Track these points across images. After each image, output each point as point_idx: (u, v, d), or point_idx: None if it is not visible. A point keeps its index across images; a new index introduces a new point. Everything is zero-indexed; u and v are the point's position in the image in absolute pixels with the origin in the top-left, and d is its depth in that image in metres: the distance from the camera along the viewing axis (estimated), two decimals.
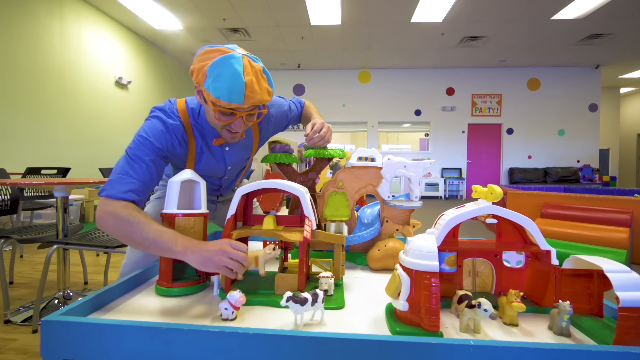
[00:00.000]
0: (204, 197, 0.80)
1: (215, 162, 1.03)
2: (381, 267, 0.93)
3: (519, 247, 0.70)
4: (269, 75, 0.85)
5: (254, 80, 0.79)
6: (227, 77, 0.76)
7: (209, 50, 0.81)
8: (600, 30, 5.85)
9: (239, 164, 1.11)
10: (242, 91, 0.77)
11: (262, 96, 0.81)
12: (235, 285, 0.74)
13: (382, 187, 1.02)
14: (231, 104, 0.78)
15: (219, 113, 0.83)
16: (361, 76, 8.43)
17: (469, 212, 0.68)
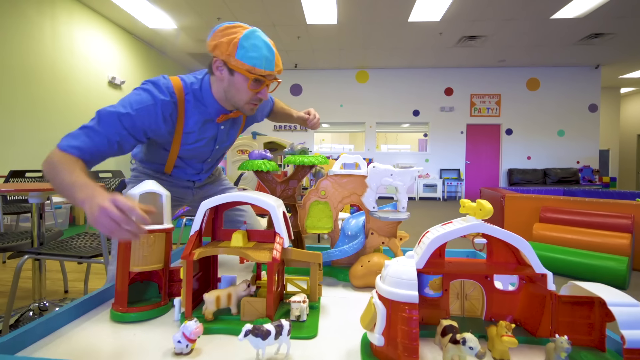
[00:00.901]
0: (167, 210, 0.73)
1: (205, 143, 1.06)
2: (364, 284, 0.86)
3: (512, 268, 0.63)
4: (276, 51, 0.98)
5: (276, 52, 0.92)
6: (261, 47, 0.87)
7: (229, 26, 0.89)
8: (601, 30, 5.78)
9: (225, 145, 1.16)
10: (273, 59, 0.90)
11: (280, 66, 0.95)
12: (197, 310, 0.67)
13: (366, 197, 0.95)
14: (265, 70, 0.89)
15: (253, 82, 0.91)
16: (359, 76, 8.35)
17: (456, 231, 0.61)
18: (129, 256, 0.66)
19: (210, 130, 1.04)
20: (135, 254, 0.67)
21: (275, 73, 0.93)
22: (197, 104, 0.98)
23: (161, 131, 0.94)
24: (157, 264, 0.69)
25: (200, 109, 0.98)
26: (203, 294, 0.64)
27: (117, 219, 0.56)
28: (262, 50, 0.87)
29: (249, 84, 0.91)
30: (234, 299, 0.65)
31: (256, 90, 0.94)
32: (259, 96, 0.95)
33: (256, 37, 0.88)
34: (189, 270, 0.64)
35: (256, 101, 0.97)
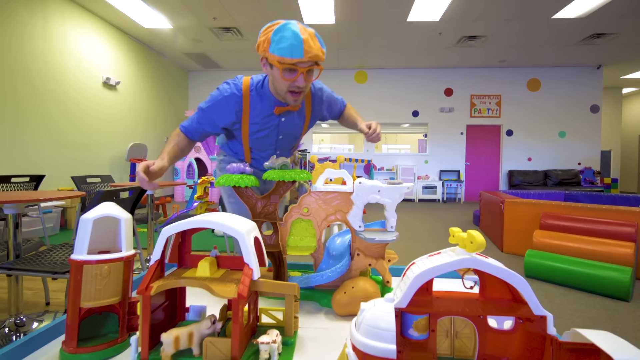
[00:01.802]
0: (126, 236, 0.66)
1: (268, 133, 1.18)
2: (348, 313, 0.79)
3: (508, 307, 0.56)
4: (320, 39, 1.00)
5: (309, 38, 0.95)
6: (288, 37, 0.93)
7: (269, 26, 0.99)
8: (603, 30, 5.70)
9: (290, 137, 1.24)
10: (301, 46, 0.93)
11: (317, 52, 0.96)
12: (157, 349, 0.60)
13: (352, 215, 0.88)
14: (293, 58, 0.94)
15: (285, 71, 0.98)
16: (358, 76, 8.27)
17: (444, 266, 0.53)
18: (79, 290, 0.59)
19: (271, 122, 1.16)
20: (87, 288, 0.60)
21: (305, 60, 0.95)
22: (259, 98, 1.13)
23: (231, 120, 1.14)
24: (112, 298, 0.62)
25: (262, 102, 1.13)
26: (161, 334, 0.57)
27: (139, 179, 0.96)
28: (289, 39, 0.93)
29: (281, 74, 0.98)
30: (196, 338, 0.58)
31: (291, 80, 0.99)
32: (295, 84, 1.00)
33: (286, 29, 0.94)
34: (146, 306, 0.57)
35: (295, 89, 1.03)
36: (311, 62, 0.98)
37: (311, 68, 1.00)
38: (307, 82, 1.03)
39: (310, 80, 1.05)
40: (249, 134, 1.17)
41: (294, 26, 0.95)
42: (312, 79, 1.05)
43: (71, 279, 0.59)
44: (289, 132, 1.22)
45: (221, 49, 6.90)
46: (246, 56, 7.33)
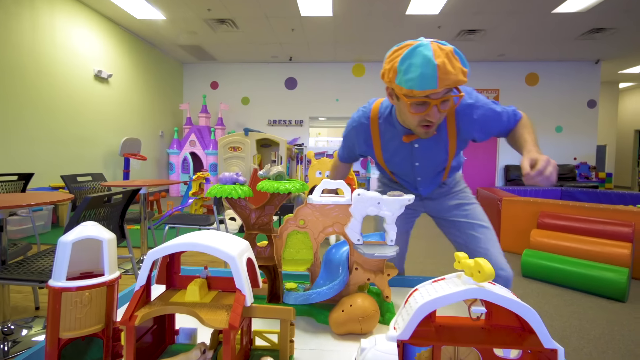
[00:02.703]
0: (109, 258, 0.61)
1: (402, 161, 1.10)
2: (345, 332, 0.76)
3: (516, 337, 0.53)
4: (461, 56, 0.83)
5: (446, 62, 0.78)
6: (418, 65, 0.78)
7: (395, 50, 0.86)
8: (603, 25, 5.64)
9: (429, 164, 1.11)
10: (434, 75, 0.78)
11: (456, 76, 0.80)
12: None
13: (351, 228, 0.84)
14: (425, 90, 0.79)
15: (414, 106, 0.85)
16: (355, 70, 8.17)
17: (450, 296, 0.50)
18: (58, 319, 0.55)
19: (403, 150, 1.08)
20: (66, 316, 0.56)
21: (439, 90, 0.80)
22: (387, 126, 1.06)
23: (362, 148, 1.13)
24: (95, 326, 0.58)
25: (391, 130, 1.05)
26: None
27: None
28: (419, 68, 0.79)
29: (409, 108, 0.86)
30: None
31: (421, 114, 0.86)
32: (427, 119, 0.87)
33: (415, 55, 0.80)
34: (130, 337, 0.54)
35: (426, 123, 0.90)
36: (447, 90, 0.83)
37: (447, 98, 0.84)
38: (443, 114, 0.88)
39: (447, 110, 0.88)
40: (384, 160, 1.13)
41: (425, 49, 0.79)
42: (449, 109, 0.88)
43: (49, 307, 0.55)
44: (427, 159, 1.08)
45: (216, 41, 6.76)
46: (242, 49, 7.19)
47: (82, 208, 1.10)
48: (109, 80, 5.67)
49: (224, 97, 8.12)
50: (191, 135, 6.88)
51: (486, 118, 1.00)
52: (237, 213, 0.89)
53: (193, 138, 6.88)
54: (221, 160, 5.82)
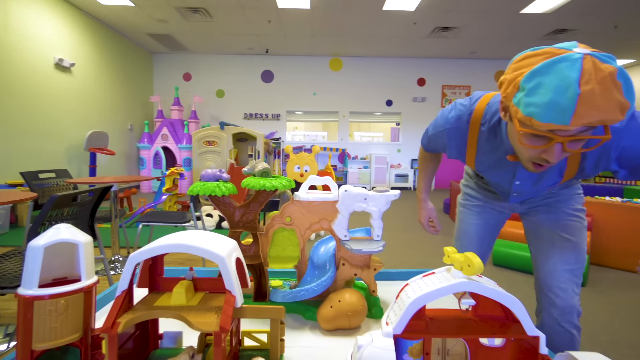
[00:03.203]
0: (86, 262, 0.57)
1: (499, 175, 0.94)
2: (334, 327, 0.76)
3: (501, 326, 0.55)
4: (627, 80, 0.56)
5: (596, 91, 0.54)
6: (550, 88, 0.55)
7: (530, 54, 0.61)
8: (566, 26, 5.97)
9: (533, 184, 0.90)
10: (571, 107, 0.54)
11: (606, 114, 0.55)
12: None
13: (337, 224, 0.84)
14: (550, 124, 0.57)
15: (528, 137, 0.64)
16: (332, 64, 8.16)
17: (440, 290, 0.51)
18: (31, 330, 0.51)
19: (505, 167, 0.89)
20: (39, 327, 0.52)
21: (570, 128, 0.57)
22: (491, 136, 0.85)
23: (452, 151, 0.96)
24: (72, 335, 0.54)
25: (494, 142, 0.85)
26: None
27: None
28: (550, 93, 0.56)
29: (520, 138, 0.65)
30: None
31: (536, 147, 0.65)
32: (543, 156, 0.66)
33: (553, 72, 0.56)
34: (112, 346, 0.51)
35: (540, 162, 0.68)
36: (585, 127, 0.59)
37: (580, 137, 0.60)
38: (566, 154, 0.65)
39: (576, 151, 0.65)
40: (475, 167, 0.96)
41: (570, 67, 0.55)
42: (580, 150, 0.64)
43: (20, 317, 0.51)
44: (532, 180, 0.89)
45: (188, 31, 6.49)
46: (217, 39, 6.96)
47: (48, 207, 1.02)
48: (72, 69, 5.30)
49: (197, 89, 7.85)
50: (163, 129, 6.61)
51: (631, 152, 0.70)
52: (221, 211, 0.86)
53: (165, 132, 6.61)
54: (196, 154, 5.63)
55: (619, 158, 0.72)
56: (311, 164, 0.93)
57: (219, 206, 0.86)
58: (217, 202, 0.86)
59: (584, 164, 0.78)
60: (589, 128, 0.59)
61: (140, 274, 0.62)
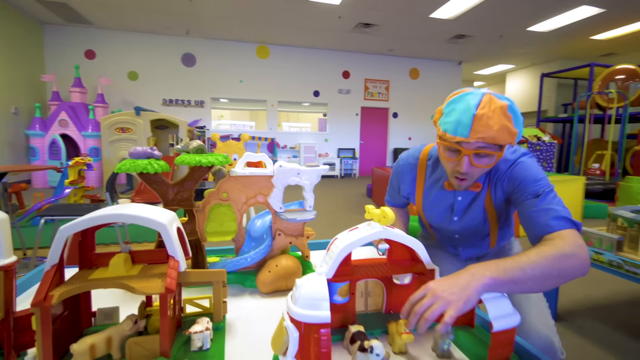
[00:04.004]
0: (4, 240, 0.54)
1: (441, 212, 0.99)
2: (272, 290, 0.83)
3: (408, 266, 0.69)
4: (516, 115, 0.75)
5: (488, 114, 0.73)
6: (458, 111, 0.76)
7: (454, 93, 0.81)
8: (464, 32, 6.89)
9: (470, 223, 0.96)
10: (469, 123, 0.74)
11: (495, 133, 0.73)
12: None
13: (273, 198, 0.90)
14: (455, 137, 0.76)
15: (445, 149, 0.82)
16: (259, 51, 7.99)
17: (363, 238, 0.62)
18: None
19: (445, 199, 0.97)
20: None
21: (471, 140, 0.75)
22: (435, 169, 0.98)
23: (406, 190, 1.04)
24: None
25: (437, 173, 0.97)
26: (70, 346, 0.51)
27: None
28: (458, 114, 0.76)
29: (440, 150, 0.84)
30: (117, 342, 0.54)
31: (452, 160, 0.81)
32: (457, 168, 0.81)
33: (461, 100, 0.77)
34: (46, 319, 0.49)
35: (457, 175, 0.83)
36: (483, 143, 0.75)
37: (482, 152, 0.76)
38: (475, 169, 0.81)
39: (481, 167, 0.80)
40: (422, 208, 1.02)
41: (473, 97, 0.75)
42: (485, 165, 0.80)
43: None
44: (467, 214, 0.95)
45: (91, 1, 5.64)
46: (127, 14, 6.18)
47: None
48: None
49: (104, 69, 6.89)
50: (61, 114, 5.67)
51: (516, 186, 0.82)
52: (154, 189, 0.85)
53: (64, 117, 5.68)
54: (106, 143, 4.99)
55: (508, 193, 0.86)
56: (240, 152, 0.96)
57: (151, 185, 0.85)
58: (149, 181, 0.84)
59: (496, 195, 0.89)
60: (486, 145, 0.76)
61: (68, 251, 0.59)
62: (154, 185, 0.85)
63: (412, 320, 0.54)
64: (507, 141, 0.75)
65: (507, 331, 0.54)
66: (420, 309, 0.54)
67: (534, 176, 0.80)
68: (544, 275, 0.60)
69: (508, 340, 0.54)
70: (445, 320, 0.51)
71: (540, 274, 0.59)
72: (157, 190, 0.85)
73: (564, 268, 0.61)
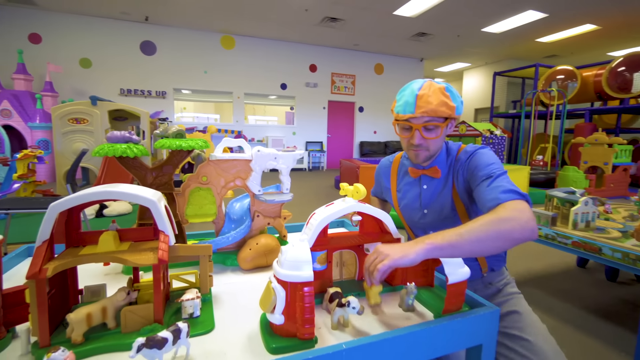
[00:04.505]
0: None
1: (411, 202, 1.05)
2: (253, 266, 0.89)
3: (377, 236, 0.78)
4: (453, 93, 0.90)
5: (428, 94, 0.88)
6: (405, 95, 0.91)
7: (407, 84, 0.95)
8: (425, 30, 7.20)
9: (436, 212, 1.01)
10: (413, 102, 0.88)
11: (435, 106, 0.87)
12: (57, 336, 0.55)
13: (251, 181, 0.95)
14: (405, 115, 0.90)
15: (400, 128, 0.96)
16: (224, 41, 7.76)
17: (339, 212, 0.70)
18: None
19: (413, 189, 1.05)
20: None
21: (417, 115, 0.88)
22: (404, 162, 1.09)
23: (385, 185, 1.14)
24: None
25: (406, 166, 1.08)
26: (67, 315, 0.53)
27: None
28: (405, 97, 0.91)
29: (396, 131, 0.97)
30: (111, 311, 0.57)
31: (406, 136, 0.95)
32: (411, 141, 0.94)
33: (407, 87, 0.93)
34: (42, 291, 0.52)
35: (412, 147, 0.95)
36: (428, 117, 0.88)
37: (429, 124, 0.89)
38: (427, 140, 0.92)
39: (432, 138, 0.92)
40: (397, 200, 1.10)
41: (416, 84, 0.91)
42: (435, 137, 0.92)
43: None
44: (434, 205, 1.00)
45: None
46: None
47: None
48: None
49: (52, 56, 6.33)
50: (3, 103, 5.16)
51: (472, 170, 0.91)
52: (133, 174, 0.86)
53: (7, 106, 5.17)
54: (58, 134, 4.61)
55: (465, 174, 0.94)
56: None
57: (130, 169, 0.86)
58: (128, 165, 0.86)
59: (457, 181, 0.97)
60: (431, 119, 0.89)
61: (55, 229, 0.61)
62: (132, 170, 0.86)
63: (366, 277, 0.66)
64: (447, 113, 0.88)
65: (459, 284, 0.64)
66: (367, 264, 0.65)
67: (486, 161, 0.88)
68: (481, 238, 0.65)
69: (460, 291, 0.65)
70: (378, 267, 0.62)
71: (477, 238, 0.65)
72: (136, 175, 0.87)
73: (502, 230, 0.67)
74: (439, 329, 0.60)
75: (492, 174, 0.84)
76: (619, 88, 5.89)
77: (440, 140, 0.96)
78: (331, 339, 0.58)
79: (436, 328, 0.59)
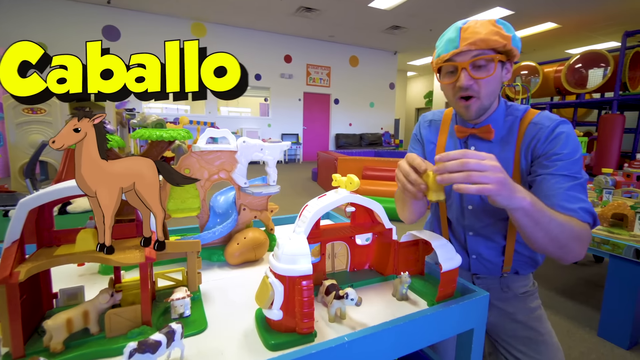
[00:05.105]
0: None
1: None
2: (242, 261, 0.86)
3: (369, 227, 0.78)
4: (505, 24, 0.75)
5: (475, 25, 0.73)
6: (447, 32, 0.77)
7: None
8: (399, 24, 7.27)
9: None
10: (457, 36, 0.73)
11: (485, 36, 0.71)
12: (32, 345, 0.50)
13: (237, 173, 0.91)
14: (449, 53, 0.74)
15: (444, 75, 0.80)
16: (195, 29, 7.43)
17: (332, 203, 0.69)
18: None
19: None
20: None
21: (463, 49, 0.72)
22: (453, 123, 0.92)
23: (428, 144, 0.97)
24: None
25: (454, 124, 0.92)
26: (43, 322, 0.48)
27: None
28: (447, 34, 0.77)
29: (439, 77, 0.82)
30: (94, 316, 0.52)
31: (451, 82, 0.78)
32: (458, 85, 0.76)
33: (448, 29, 0.78)
34: (13, 297, 0.47)
35: (460, 92, 0.77)
36: (476, 49, 0.72)
37: (479, 59, 0.73)
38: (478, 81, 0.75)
39: (482, 77, 0.75)
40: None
41: (460, 22, 0.76)
42: (487, 75, 0.74)
43: None
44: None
45: None
46: None
47: None
48: None
49: (2, 39, 5.77)
50: None
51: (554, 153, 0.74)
52: None
53: None
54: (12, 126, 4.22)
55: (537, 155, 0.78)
56: None
57: None
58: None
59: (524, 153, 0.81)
60: (480, 52, 0.73)
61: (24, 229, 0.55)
62: None
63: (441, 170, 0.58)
64: (501, 43, 0.72)
65: (452, 271, 0.65)
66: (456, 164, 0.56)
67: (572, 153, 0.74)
68: (555, 237, 0.64)
69: (452, 278, 0.66)
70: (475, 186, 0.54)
71: (554, 234, 0.64)
72: None
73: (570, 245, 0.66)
74: (436, 315, 0.61)
75: (577, 175, 0.72)
76: (576, 84, 6.29)
77: (495, 83, 0.77)
78: (330, 332, 0.58)
79: (433, 315, 0.60)
